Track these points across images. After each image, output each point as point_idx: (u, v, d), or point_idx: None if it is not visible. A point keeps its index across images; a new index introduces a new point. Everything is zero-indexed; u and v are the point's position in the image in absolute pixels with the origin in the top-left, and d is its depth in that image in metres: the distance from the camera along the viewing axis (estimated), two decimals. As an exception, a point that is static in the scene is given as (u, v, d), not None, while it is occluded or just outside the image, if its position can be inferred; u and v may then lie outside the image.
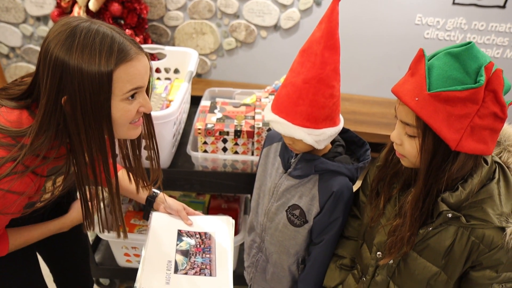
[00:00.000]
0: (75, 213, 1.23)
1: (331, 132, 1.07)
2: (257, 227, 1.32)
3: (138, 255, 1.82)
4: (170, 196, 1.86)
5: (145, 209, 1.30)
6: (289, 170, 1.18)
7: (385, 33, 2.87)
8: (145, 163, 1.37)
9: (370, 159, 1.17)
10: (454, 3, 2.69)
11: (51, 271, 1.51)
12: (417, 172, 0.92)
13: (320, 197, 1.14)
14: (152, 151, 1.12)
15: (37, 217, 1.14)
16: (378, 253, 1.04)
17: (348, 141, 1.24)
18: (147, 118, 1.07)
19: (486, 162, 0.89)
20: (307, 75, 1.01)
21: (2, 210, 0.90)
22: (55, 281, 1.55)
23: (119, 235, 1.11)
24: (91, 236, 2.19)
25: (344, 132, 1.24)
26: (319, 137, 1.05)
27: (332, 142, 1.19)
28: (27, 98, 0.93)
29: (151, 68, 0.96)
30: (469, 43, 0.80)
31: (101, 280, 2.05)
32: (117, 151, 1.10)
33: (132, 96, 0.91)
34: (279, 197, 1.21)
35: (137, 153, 1.11)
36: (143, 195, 1.28)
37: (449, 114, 0.80)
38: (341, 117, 1.14)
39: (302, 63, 1.02)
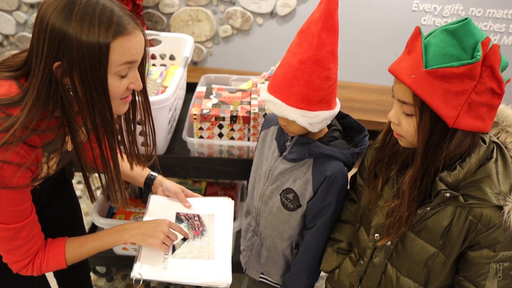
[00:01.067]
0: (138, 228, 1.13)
1: (326, 115, 1.06)
2: (253, 211, 1.32)
3: (134, 243, 1.82)
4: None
5: (143, 192, 1.30)
6: (284, 153, 1.17)
7: (382, 20, 2.85)
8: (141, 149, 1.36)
9: (367, 145, 1.17)
10: (451, -11, 2.68)
11: None
12: (415, 152, 0.91)
13: (314, 181, 1.13)
14: (148, 129, 1.11)
15: (34, 199, 1.12)
16: (376, 235, 1.04)
17: (347, 127, 1.23)
18: (144, 96, 1.06)
19: (484, 142, 0.89)
20: (303, 56, 1.00)
21: (5, 182, 0.88)
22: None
23: (124, 205, 1.11)
24: (87, 224, 2.19)
25: (343, 117, 1.23)
26: (313, 120, 1.04)
27: (329, 127, 1.18)
28: (19, 70, 0.91)
29: (146, 48, 0.95)
30: (466, 19, 0.79)
31: (98, 268, 2.05)
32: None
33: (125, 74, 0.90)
34: (274, 180, 1.21)
35: (132, 129, 1.10)
36: (141, 178, 1.27)
37: (446, 90, 0.79)
38: (337, 101, 1.13)
39: (299, 44, 1.01)
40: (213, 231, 1.19)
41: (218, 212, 1.25)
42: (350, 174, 1.18)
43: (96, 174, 1.05)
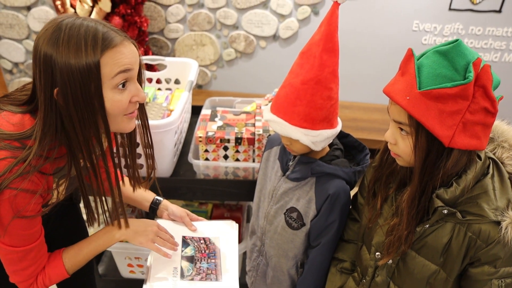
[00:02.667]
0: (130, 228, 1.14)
1: (328, 134, 1.08)
2: (258, 231, 1.33)
3: (141, 266, 1.82)
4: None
5: (148, 217, 1.31)
6: (287, 173, 1.19)
7: (383, 40, 2.90)
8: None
9: (369, 163, 1.18)
10: (450, 9, 2.73)
11: (57, 284, 1.52)
12: (412, 170, 0.92)
13: (317, 200, 1.14)
14: (147, 147, 1.12)
15: (43, 222, 1.14)
16: (377, 253, 1.04)
17: (349, 146, 1.25)
18: (141, 110, 1.05)
19: (480, 158, 0.90)
20: (306, 77, 1.03)
21: (22, 211, 0.91)
22: None
23: (119, 226, 1.10)
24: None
25: (344, 136, 1.25)
26: (315, 138, 1.06)
27: (330, 146, 1.20)
28: (30, 104, 0.95)
29: (140, 58, 0.95)
30: (456, 40, 0.82)
31: (105, 291, 2.05)
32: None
33: (123, 85, 0.91)
34: (278, 199, 1.22)
35: (132, 149, 1.10)
36: (146, 202, 1.29)
37: (441, 111, 0.81)
38: (339, 120, 1.15)
39: (301, 65, 1.04)
40: (219, 253, 1.20)
41: (223, 235, 1.26)
42: (352, 193, 1.19)
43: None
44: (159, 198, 1.30)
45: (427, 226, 0.92)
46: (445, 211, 0.88)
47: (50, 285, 1.06)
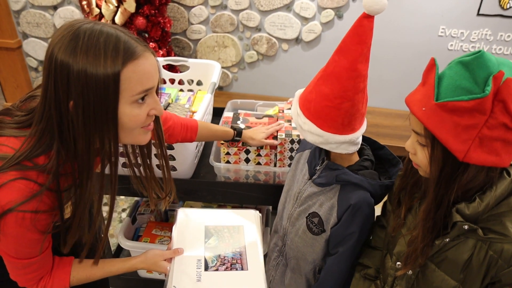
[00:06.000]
0: (148, 258, 1.14)
1: (313, 129, 1.07)
2: (280, 231, 1.33)
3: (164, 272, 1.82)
4: (191, 207, 1.88)
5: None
6: (314, 177, 1.18)
7: (408, 45, 2.85)
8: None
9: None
10: (478, 14, 2.66)
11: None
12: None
13: (339, 208, 1.13)
14: (162, 159, 1.09)
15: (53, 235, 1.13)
16: (397, 263, 1.02)
17: (383, 159, 1.23)
18: (156, 122, 1.02)
19: (509, 175, 0.86)
20: (322, 68, 1.07)
21: (29, 231, 0.89)
22: None
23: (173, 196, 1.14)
24: (113, 246, 2.22)
25: (379, 148, 1.23)
26: (302, 125, 1.10)
27: (361, 155, 1.18)
28: (30, 126, 0.89)
29: (159, 67, 0.91)
30: (479, 51, 0.78)
31: (122, 290, 2.06)
32: (125, 160, 1.07)
33: (142, 98, 0.87)
34: (302, 202, 1.22)
35: (148, 162, 1.08)
36: (230, 134, 1.44)
37: (456, 124, 0.78)
38: (344, 132, 1.09)
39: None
40: (244, 242, 1.18)
41: (246, 223, 1.25)
42: (377, 207, 1.16)
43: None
44: (236, 127, 1.43)
45: (447, 240, 0.89)
46: (466, 227, 0.85)
47: None
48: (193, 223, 1.23)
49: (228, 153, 1.53)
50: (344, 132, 1.08)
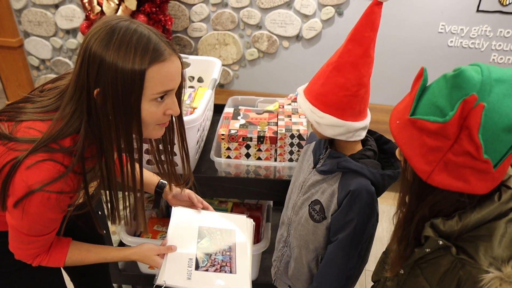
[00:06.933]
0: (142, 251, 1.18)
1: (334, 121, 1.08)
2: (285, 221, 1.35)
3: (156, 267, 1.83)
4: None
5: (155, 199, 1.37)
6: (317, 166, 1.21)
7: (407, 42, 2.85)
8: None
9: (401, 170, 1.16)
10: (478, 11, 2.66)
11: (71, 279, 1.54)
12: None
13: (339, 194, 1.14)
14: (183, 153, 1.16)
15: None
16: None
17: (389, 153, 1.24)
18: (179, 120, 1.09)
19: (500, 198, 0.80)
20: (330, 60, 1.08)
21: (51, 211, 0.95)
22: None
23: (143, 229, 1.15)
24: (115, 243, 2.23)
25: (385, 143, 1.24)
26: (320, 120, 1.09)
27: (364, 145, 1.20)
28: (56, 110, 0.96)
29: (183, 71, 0.98)
30: (459, 69, 0.72)
31: (124, 286, 2.07)
32: (149, 156, 1.12)
33: (161, 97, 0.93)
34: (306, 191, 1.24)
35: (170, 157, 1.14)
36: (152, 186, 1.33)
37: (423, 144, 0.75)
38: (360, 118, 1.12)
39: (336, 50, 1.09)
40: (234, 246, 1.23)
41: (238, 228, 1.29)
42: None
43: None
44: (163, 181, 1.33)
45: (427, 250, 0.86)
46: (440, 242, 0.82)
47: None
48: (187, 222, 1.27)
49: (228, 148, 1.54)
50: (361, 118, 1.12)
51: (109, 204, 1.07)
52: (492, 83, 0.70)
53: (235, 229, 1.28)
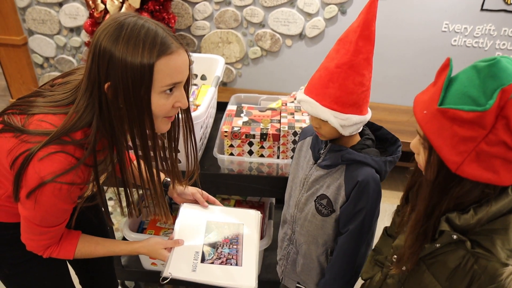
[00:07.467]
0: (149, 244, 1.19)
1: (357, 119, 1.09)
2: (288, 219, 1.35)
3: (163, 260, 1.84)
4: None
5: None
6: (319, 161, 1.21)
7: (411, 41, 2.85)
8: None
9: (400, 154, 1.18)
10: (482, 9, 2.66)
11: (76, 273, 1.55)
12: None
13: (346, 186, 1.15)
14: (190, 147, 1.17)
15: None
16: (394, 256, 1.02)
17: (382, 139, 1.26)
18: (186, 113, 1.11)
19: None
20: (340, 61, 1.06)
21: (62, 202, 0.97)
22: (81, 283, 1.59)
23: (165, 218, 1.19)
24: (118, 239, 2.24)
25: (377, 129, 1.26)
26: (344, 122, 1.08)
27: (362, 135, 1.21)
28: (70, 104, 0.98)
29: (190, 65, 1.00)
30: (495, 58, 0.71)
31: (127, 282, 2.08)
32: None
33: (170, 90, 0.95)
34: (309, 187, 1.24)
35: (174, 147, 1.16)
36: None
37: (454, 134, 0.74)
38: (369, 110, 1.16)
39: (337, 50, 1.08)
40: (242, 239, 1.24)
41: (247, 222, 1.30)
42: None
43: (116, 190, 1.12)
44: (168, 179, 1.33)
45: (437, 245, 0.87)
46: (455, 237, 0.82)
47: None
48: (195, 217, 1.29)
49: (231, 145, 1.54)
50: (367, 111, 1.14)
51: (121, 197, 1.09)
52: None
53: (243, 223, 1.29)
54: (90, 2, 2.60)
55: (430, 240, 0.87)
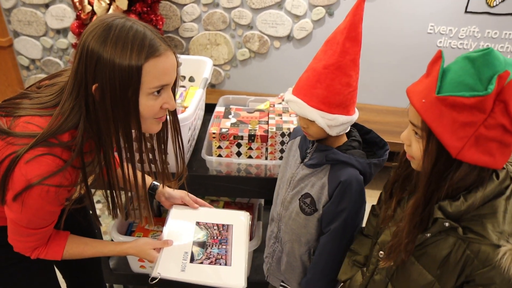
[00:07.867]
0: (138, 245, 1.19)
1: (344, 119, 1.10)
2: (275, 217, 1.37)
3: (152, 261, 1.83)
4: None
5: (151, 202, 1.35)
6: (305, 160, 1.23)
7: (398, 42, 2.89)
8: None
9: (386, 157, 1.19)
10: (466, 12, 2.70)
11: (64, 277, 1.54)
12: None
13: (329, 186, 1.17)
14: (177, 148, 1.17)
15: None
16: (380, 252, 1.03)
17: (371, 142, 1.27)
18: (173, 115, 1.11)
19: (498, 177, 0.86)
20: (327, 62, 1.07)
21: (49, 204, 0.96)
22: (68, 287, 1.57)
23: (149, 223, 1.17)
24: (106, 242, 2.22)
25: (366, 133, 1.27)
26: (331, 122, 1.10)
27: (348, 137, 1.22)
28: (56, 106, 0.97)
29: (178, 67, 1.00)
30: (488, 49, 0.77)
31: (115, 286, 2.07)
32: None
33: (158, 92, 0.95)
34: (294, 186, 1.26)
35: (163, 148, 1.15)
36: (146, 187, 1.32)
37: (454, 120, 0.77)
38: (356, 110, 1.17)
39: (324, 51, 1.09)
40: (231, 240, 1.24)
41: (235, 223, 1.31)
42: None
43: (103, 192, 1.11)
44: (156, 183, 1.34)
45: (428, 235, 0.89)
46: (447, 224, 0.85)
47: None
48: (184, 218, 1.29)
49: (219, 147, 1.54)
50: (354, 111, 1.15)
51: (109, 199, 1.09)
52: (508, 62, 0.77)
53: (233, 224, 1.30)
54: (77, 4, 2.58)
55: (423, 230, 0.90)
